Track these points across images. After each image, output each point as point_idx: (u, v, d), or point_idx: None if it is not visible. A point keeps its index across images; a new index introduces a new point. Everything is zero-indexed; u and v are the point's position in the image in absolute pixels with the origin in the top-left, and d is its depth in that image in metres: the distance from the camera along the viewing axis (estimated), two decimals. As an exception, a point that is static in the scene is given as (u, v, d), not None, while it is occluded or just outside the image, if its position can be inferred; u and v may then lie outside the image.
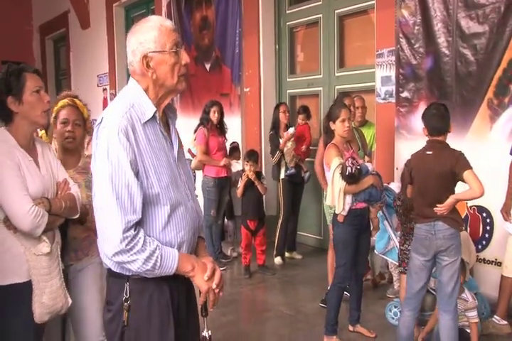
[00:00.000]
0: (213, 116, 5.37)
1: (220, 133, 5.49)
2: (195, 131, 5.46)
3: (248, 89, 6.52)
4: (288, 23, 6.36)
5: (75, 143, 2.56)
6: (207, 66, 7.18)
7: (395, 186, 3.96)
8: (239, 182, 5.21)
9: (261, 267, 5.24)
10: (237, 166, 5.76)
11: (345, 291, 3.69)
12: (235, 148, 5.99)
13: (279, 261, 5.48)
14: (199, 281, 1.72)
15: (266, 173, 5.73)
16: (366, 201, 3.47)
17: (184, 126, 4.76)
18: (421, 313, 3.34)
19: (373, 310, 4.12)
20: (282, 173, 5.38)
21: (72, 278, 2.35)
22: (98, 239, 1.69)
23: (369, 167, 3.52)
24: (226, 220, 6.01)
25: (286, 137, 5.27)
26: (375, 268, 4.74)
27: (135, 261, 1.61)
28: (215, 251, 5.45)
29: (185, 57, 1.75)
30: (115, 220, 1.60)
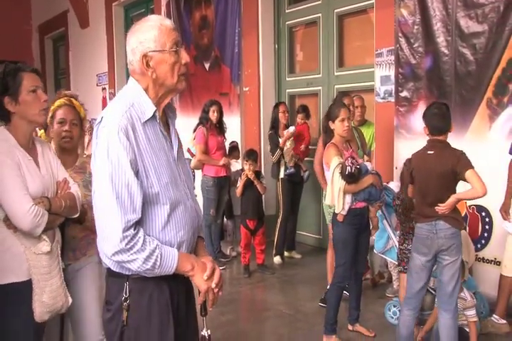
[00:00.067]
0: (212, 115, 5.36)
1: (219, 132, 5.48)
2: (195, 130, 5.46)
3: (247, 89, 6.52)
4: (287, 23, 6.36)
5: (72, 143, 2.56)
6: (206, 65, 7.18)
7: (394, 185, 3.96)
8: (238, 182, 5.21)
9: (260, 266, 5.24)
10: (236, 166, 5.76)
11: (344, 290, 3.69)
12: (234, 147, 5.99)
13: (278, 260, 5.48)
14: (198, 281, 1.72)
15: (265, 173, 5.73)
16: (366, 200, 3.48)
17: (183, 125, 4.76)
18: (420, 312, 3.34)
19: (372, 309, 4.12)
20: (282, 173, 5.38)
21: (70, 278, 2.35)
22: (98, 238, 1.69)
23: (368, 166, 3.52)
24: (225, 219, 6.01)
25: (287, 135, 5.27)
26: (375, 268, 4.74)
27: (135, 260, 1.61)
28: (215, 251, 5.44)
29: (185, 57, 1.74)
30: (115, 219, 1.60)
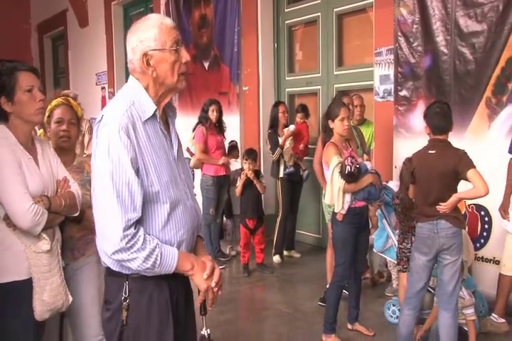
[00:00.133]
0: (212, 114, 5.36)
1: (218, 131, 5.48)
2: (194, 129, 5.46)
3: (247, 88, 6.52)
4: (287, 22, 6.35)
5: (70, 142, 2.55)
6: (205, 64, 7.18)
7: (394, 184, 3.96)
8: (238, 181, 5.21)
9: (259, 265, 5.24)
10: (235, 165, 5.76)
11: (344, 290, 3.70)
12: (233, 146, 5.99)
13: (277, 259, 5.48)
14: (198, 280, 1.72)
15: (265, 172, 5.72)
16: (365, 199, 3.48)
17: (183, 124, 4.75)
18: (419, 312, 3.34)
19: (372, 308, 4.13)
20: (281, 172, 5.39)
21: (69, 278, 2.35)
22: (97, 237, 1.69)
23: (368, 165, 3.52)
24: (225, 219, 6.02)
25: (287, 134, 5.27)
26: (374, 267, 4.74)
27: (135, 259, 1.61)
28: (214, 250, 5.44)
29: (185, 55, 1.74)
30: (115, 218, 1.59)
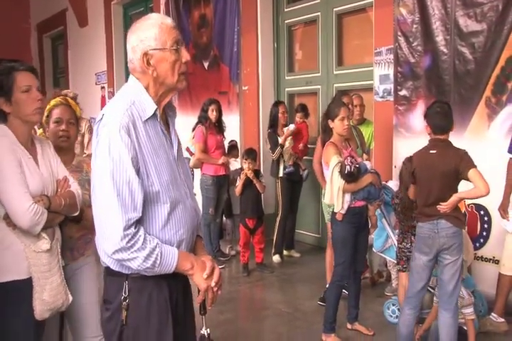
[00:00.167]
0: (212, 114, 5.36)
1: (218, 131, 5.48)
2: (194, 129, 5.46)
3: (246, 88, 6.52)
4: (286, 22, 6.35)
5: (69, 142, 2.55)
6: (205, 64, 7.18)
7: (393, 184, 3.96)
8: (237, 181, 5.21)
9: (259, 265, 5.24)
10: (235, 164, 5.76)
11: (343, 289, 3.70)
12: (233, 146, 5.99)
13: (277, 259, 5.48)
14: (198, 279, 1.71)
15: (264, 171, 5.72)
16: (365, 199, 3.48)
17: (182, 124, 4.76)
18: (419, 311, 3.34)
19: (371, 308, 4.13)
20: (281, 171, 5.39)
21: (68, 278, 2.35)
22: (97, 236, 1.69)
23: (367, 165, 3.52)
24: (224, 218, 6.02)
25: (287, 133, 5.28)
26: (374, 267, 4.74)
27: (135, 258, 1.61)
28: (214, 250, 5.44)
29: (185, 55, 1.74)
30: (116, 218, 1.59)
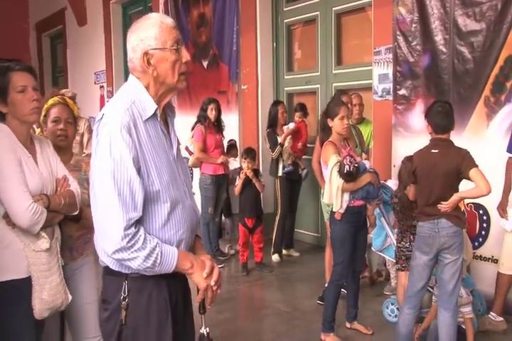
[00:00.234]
0: (211, 113, 5.36)
1: (217, 130, 5.48)
2: (193, 128, 5.46)
3: (246, 87, 6.52)
4: (285, 21, 6.35)
5: (67, 141, 2.55)
6: (204, 63, 7.18)
7: (392, 183, 3.96)
8: (236, 180, 5.21)
9: (258, 264, 5.25)
10: (234, 164, 5.76)
11: (342, 288, 3.70)
12: (232, 145, 5.99)
13: (276, 258, 5.48)
14: (198, 279, 1.72)
15: (263, 171, 5.72)
16: (363, 198, 3.48)
17: (182, 123, 4.74)
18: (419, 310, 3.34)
19: (370, 307, 4.13)
20: (280, 170, 5.39)
21: (68, 278, 2.35)
22: (96, 236, 1.68)
23: (366, 164, 3.52)
24: (223, 218, 6.02)
25: (287, 132, 5.28)
26: (372, 266, 4.75)
27: (135, 258, 1.61)
28: (213, 249, 5.45)
29: (185, 55, 1.74)
30: (116, 217, 1.59)
